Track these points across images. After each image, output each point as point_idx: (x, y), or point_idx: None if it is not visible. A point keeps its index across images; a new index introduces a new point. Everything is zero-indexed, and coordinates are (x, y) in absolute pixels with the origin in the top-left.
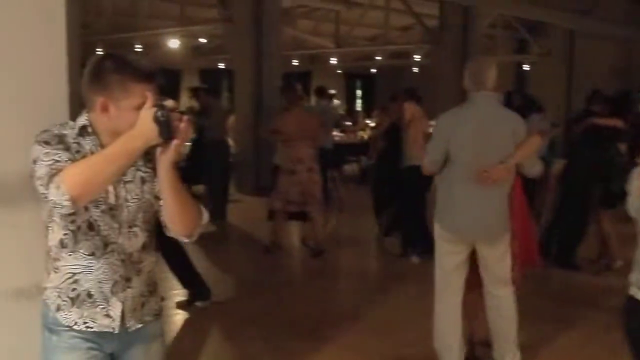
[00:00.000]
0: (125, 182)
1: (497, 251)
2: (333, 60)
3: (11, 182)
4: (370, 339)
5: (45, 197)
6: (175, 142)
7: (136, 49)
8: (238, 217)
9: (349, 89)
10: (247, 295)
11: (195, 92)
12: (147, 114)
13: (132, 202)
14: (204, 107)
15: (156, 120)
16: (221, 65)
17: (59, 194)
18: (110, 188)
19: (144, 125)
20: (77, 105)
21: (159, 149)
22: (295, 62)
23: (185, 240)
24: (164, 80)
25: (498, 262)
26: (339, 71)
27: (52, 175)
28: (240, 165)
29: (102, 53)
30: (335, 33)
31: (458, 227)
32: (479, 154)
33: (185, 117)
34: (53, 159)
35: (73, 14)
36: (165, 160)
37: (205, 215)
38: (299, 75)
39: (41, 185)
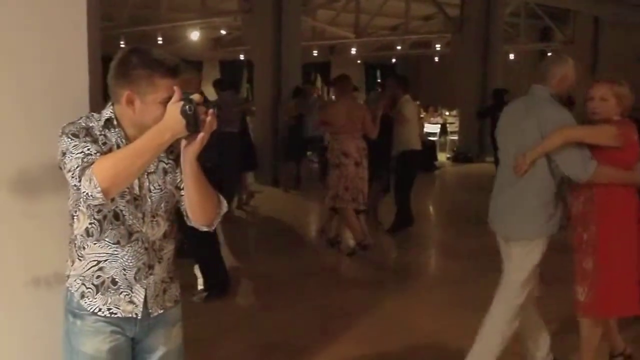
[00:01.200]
0: (149, 173)
1: (511, 252)
2: (353, 51)
3: (32, 174)
4: (381, 332)
5: (78, 189)
6: (201, 135)
7: (157, 41)
8: (257, 208)
9: (369, 79)
10: (255, 287)
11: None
12: (175, 107)
13: (154, 193)
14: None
15: (184, 113)
16: (241, 57)
17: (91, 187)
18: (135, 179)
19: (171, 119)
20: (97, 98)
21: (183, 142)
22: (315, 53)
23: (205, 228)
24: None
25: (510, 268)
26: (359, 61)
27: (84, 168)
28: (259, 156)
29: (129, 47)
30: (355, 23)
31: (489, 215)
32: (507, 144)
33: (210, 111)
34: (83, 152)
35: (94, 7)
36: (190, 152)
37: (224, 205)
38: (319, 66)
39: (73, 177)
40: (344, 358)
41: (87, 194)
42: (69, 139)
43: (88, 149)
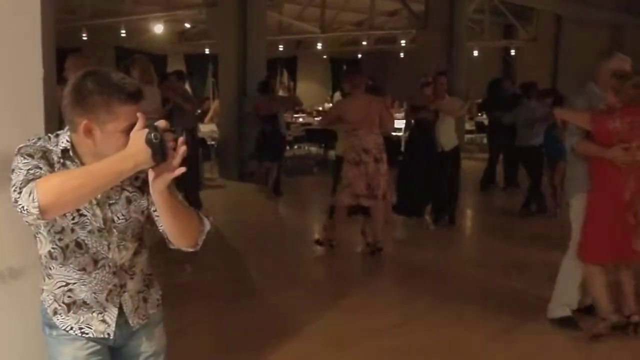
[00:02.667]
0: (110, 204)
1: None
2: (319, 46)
3: None
4: (345, 326)
5: (15, 203)
6: (180, 169)
7: (121, 34)
8: (221, 203)
9: (335, 74)
10: (219, 285)
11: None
12: (139, 136)
13: (119, 223)
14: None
15: (149, 142)
16: (207, 51)
17: (29, 200)
18: (98, 211)
19: (135, 148)
20: (52, 90)
21: (151, 173)
22: (280, 47)
23: (191, 250)
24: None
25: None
26: (325, 56)
27: (28, 180)
28: (224, 150)
29: (83, 71)
30: (321, 18)
31: None
32: None
33: (181, 139)
34: (32, 166)
35: (48, 2)
36: (159, 183)
37: (206, 222)
38: (285, 61)
39: (14, 191)
40: (308, 353)
41: (22, 207)
42: (22, 158)
43: (38, 166)
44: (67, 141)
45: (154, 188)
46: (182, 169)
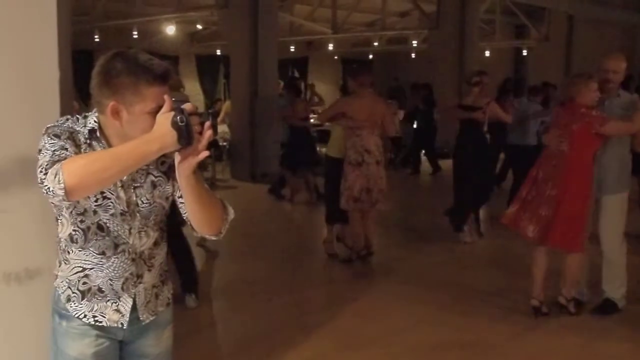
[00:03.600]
0: (135, 188)
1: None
2: (330, 46)
3: (1, 168)
4: (357, 326)
5: (41, 184)
6: (204, 152)
7: (133, 36)
8: (233, 204)
9: (346, 75)
10: (229, 286)
11: None
12: (165, 118)
13: (143, 207)
14: None
15: (175, 125)
16: (218, 52)
17: (55, 181)
18: (122, 194)
19: (161, 130)
20: (67, 92)
21: (177, 156)
22: (292, 48)
23: (214, 238)
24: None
25: None
26: (336, 57)
27: (54, 162)
28: (236, 151)
29: (112, 51)
30: (332, 19)
31: None
32: None
33: (207, 123)
34: (59, 147)
35: (64, 4)
36: (186, 167)
37: (230, 211)
38: (296, 61)
39: (40, 171)
40: (320, 355)
41: (48, 188)
42: (49, 138)
43: (64, 147)
44: (95, 122)
45: (180, 172)
46: (207, 153)
